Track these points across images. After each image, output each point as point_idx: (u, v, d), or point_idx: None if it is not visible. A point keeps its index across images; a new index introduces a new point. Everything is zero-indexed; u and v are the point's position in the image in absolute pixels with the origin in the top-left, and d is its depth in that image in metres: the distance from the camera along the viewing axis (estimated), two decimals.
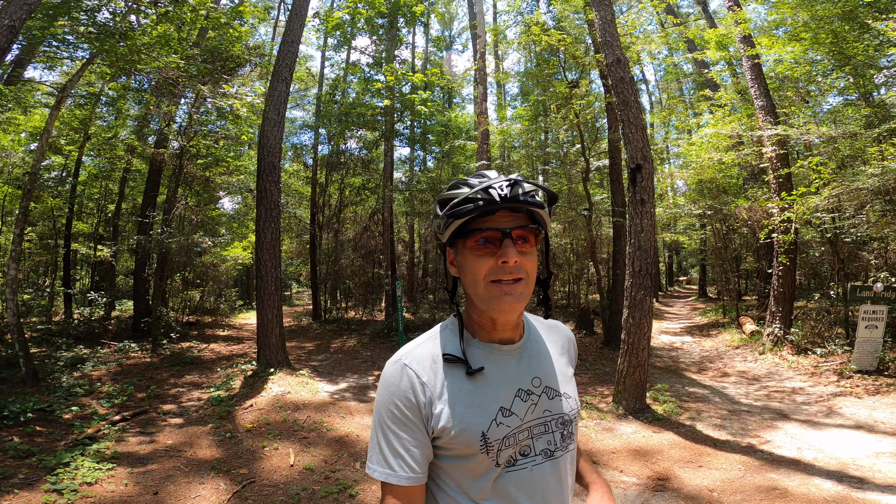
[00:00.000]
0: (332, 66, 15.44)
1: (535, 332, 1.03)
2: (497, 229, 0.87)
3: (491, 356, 0.93)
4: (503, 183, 0.85)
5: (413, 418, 0.88)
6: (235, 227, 15.72)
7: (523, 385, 0.94)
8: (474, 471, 0.90)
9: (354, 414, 5.31)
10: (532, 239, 0.91)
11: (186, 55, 7.45)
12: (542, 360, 0.98)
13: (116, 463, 3.67)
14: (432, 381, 0.90)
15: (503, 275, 0.86)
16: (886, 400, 5.38)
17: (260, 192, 7.71)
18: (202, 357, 8.44)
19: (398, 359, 0.92)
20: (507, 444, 0.89)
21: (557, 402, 0.96)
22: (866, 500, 3.09)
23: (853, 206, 8.11)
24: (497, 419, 0.89)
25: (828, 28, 8.03)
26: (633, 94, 6.01)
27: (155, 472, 3.57)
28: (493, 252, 0.87)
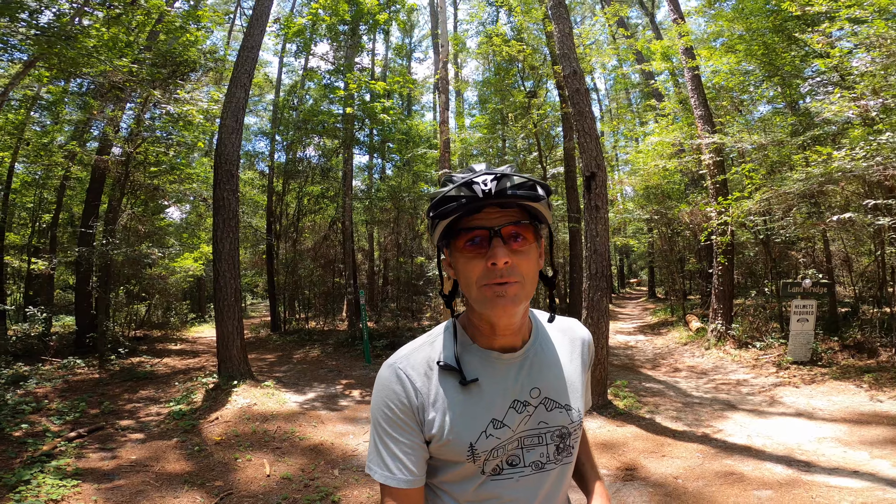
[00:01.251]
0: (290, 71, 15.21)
1: (544, 336, 0.96)
2: (484, 228, 0.81)
3: (488, 364, 0.89)
4: (487, 177, 0.78)
5: (408, 421, 0.86)
6: (186, 238, 15.09)
7: (520, 396, 0.89)
8: (460, 475, 0.89)
9: (326, 423, 5.26)
10: (529, 235, 0.84)
11: (137, 59, 7.16)
12: (547, 368, 0.92)
13: (80, 479, 3.49)
14: (425, 386, 0.87)
15: (493, 278, 0.79)
16: (822, 388, 5.91)
17: (217, 201, 7.51)
18: (156, 372, 8.06)
19: (393, 362, 0.89)
20: (494, 455, 0.87)
21: (557, 413, 0.91)
22: (815, 482, 3.37)
23: (781, 208, 8.87)
24: (487, 431, 0.86)
25: (760, 40, 8.78)
26: (588, 106, 6.36)
27: (124, 488, 3.42)
28: (484, 253, 0.81)
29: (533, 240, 0.84)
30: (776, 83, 9.78)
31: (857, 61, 6.50)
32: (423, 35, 21.00)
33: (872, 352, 6.91)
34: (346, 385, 7.25)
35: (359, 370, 8.34)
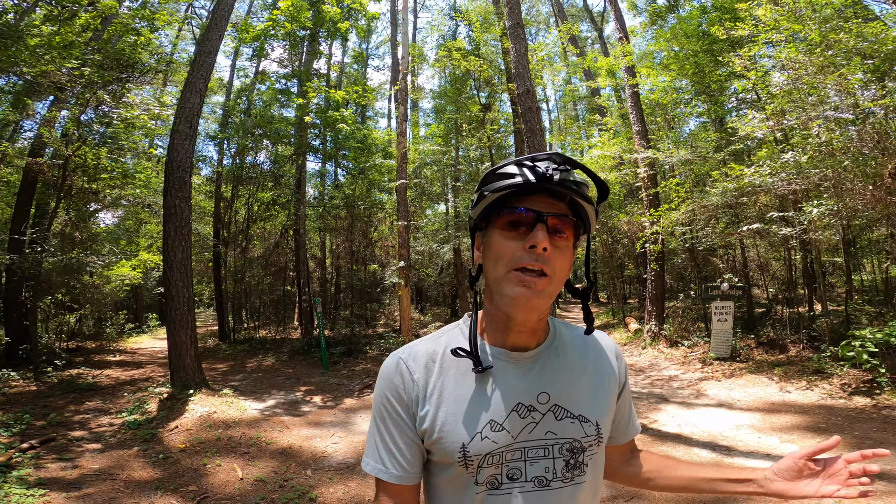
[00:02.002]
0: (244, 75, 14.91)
1: (564, 342, 0.91)
2: (532, 211, 0.78)
3: (495, 362, 0.85)
4: (551, 165, 0.77)
5: (404, 415, 0.84)
6: (123, 244, 14.32)
7: (525, 399, 0.83)
8: (453, 484, 0.84)
9: (291, 428, 5.35)
10: (570, 233, 0.81)
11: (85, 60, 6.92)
12: (561, 374, 0.87)
13: (46, 488, 3.43)
14: (423, 379, 0.84)
15: (528, 262, 0.76)
16: (740, 381, 6.67)
17: (168, 208, 7.36)
18: (99, 383, 7.73)
19: (397, 353, 0.88)
20: (489, 462, 0.81)
21: (567, 424, 0.84)
22: (734, 465, 3.88)
23: (704, 219, 9.88)
24: (483, 432, 0.80)
25: (692, 60, 9.79)
26: (539, 123, 6.88)
27: (95, 496, 3.40)
28: (523, 236, 0.78)
29: (572, 238, 0.82)
30: (703, 101, 10.89)
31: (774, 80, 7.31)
32: (380, 41, 21.18)
33: (783, 348, 7.86)
34: (306, 392, 7.30)
35: (317, 377, 8.39)
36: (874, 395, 5.12)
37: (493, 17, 10.16)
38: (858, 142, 5.86)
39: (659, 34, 10.61)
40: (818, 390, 5.64)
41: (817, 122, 6.28)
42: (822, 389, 5.63)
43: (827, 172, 6.03)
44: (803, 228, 6.95)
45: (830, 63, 5.66)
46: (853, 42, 5.52)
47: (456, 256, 11.41)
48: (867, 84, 5.73)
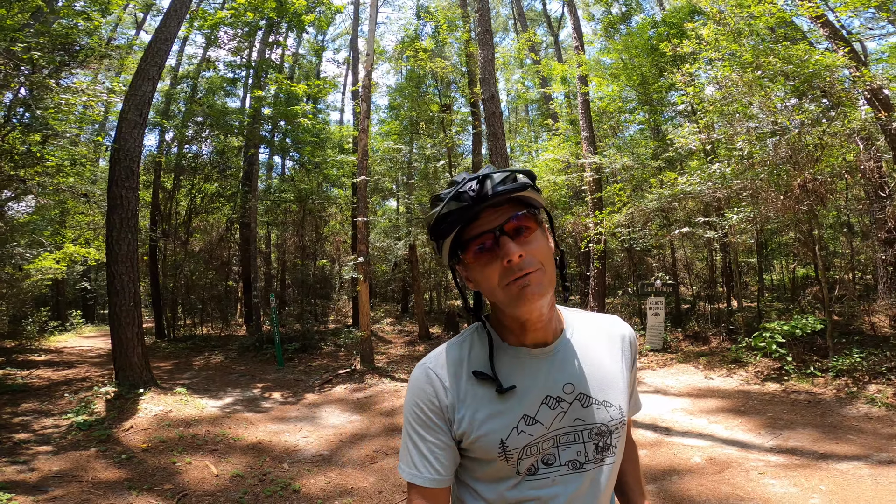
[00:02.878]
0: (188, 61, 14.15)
1: (579, 331, 0.95)
2: (487, 231, 0.81)
3: (520, 362, 0.89)
4: (472, 183, 0.80)
5: (437, 421, 0.87)
6: (47, 236, 13.19)
7: (553, 392, 0.87)
8: (494, 476, 0.88)
9: (256, 424, 5.35)
10: (531, 224, 0.84)
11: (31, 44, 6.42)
12: (581, 363, 0.90)
13: (10, 492, 3.27)
14: (455, 385, 0.87)
15: (514, 274, 0.79)
16: (672, 370, 7.39)
17: (113, 199, 7.00)
18: (31, 384, 7.22)
19: (424, 363, 0.91)
20: (528, 453, 0.86)
21: (593, 410, 0.88)
22: (673, 443, 4.39)
23: (641, 221, 10.73)
24: (518, 427, 0.85)
25: (638, 71, 10.56)
26: (501, 128, 7.24)
27: (65, 498, 3.29)
28: (496, 255, 0.81)
29: (536, 226, 0.84)
30: (645, 111, 11.78)
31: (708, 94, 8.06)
32: (337, 33, 20.75)
33: (706, 340, 8.76)
34: (264, 388, 7.23)
35: (272, 374, 8.29)
36: (783, 380, 5.94)
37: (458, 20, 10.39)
38: (774, 156, 6.70)
39: (612, 45, 11.32)
40: (737, 377, 6.42)
41: (742, 137, 7.11)
42: (739, 377, 6.42)
43: (746, 183, 6.84)
44: (724, 232, 7.80)
45: (758, 83, 6.40)
46: (779, 65, 6.28)
47: (411, 252, 11.58)
48: (786, 103, 6.56)
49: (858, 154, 6.07)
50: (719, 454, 3.99)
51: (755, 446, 4.10)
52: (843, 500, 3.01)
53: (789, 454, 3.86)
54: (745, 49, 6.32)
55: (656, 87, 10.17)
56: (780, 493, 3.18)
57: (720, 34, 6.70)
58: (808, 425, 4.47)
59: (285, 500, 3.47)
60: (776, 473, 3.49)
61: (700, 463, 3.84)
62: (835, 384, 5.46)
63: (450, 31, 10.25)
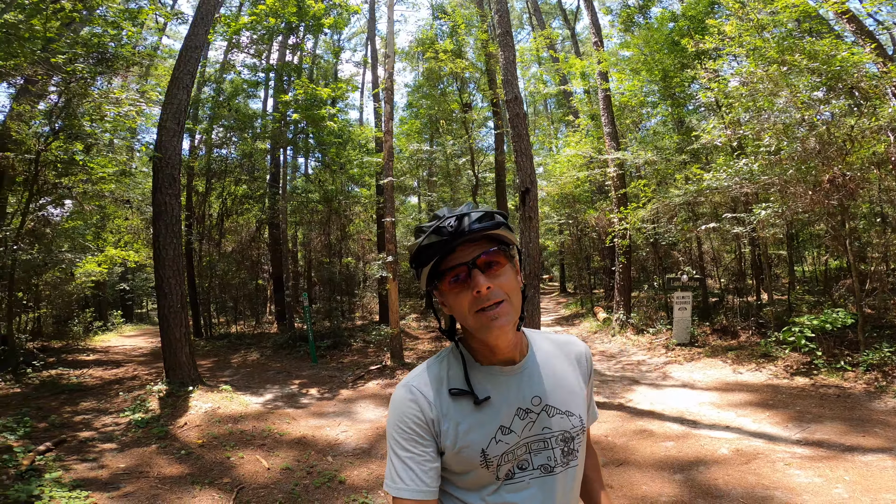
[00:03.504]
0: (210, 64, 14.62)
1: (542, 350, 1.05)
2: (461, 264, 0.91)
3: (493, 378, 0.98)
4: (451, 220, 0.90)
5: (423, 434, 0.94)
6: (90, 240, 13.88)
7: (523, 404, 0.98)
8: (476, 483, 0.96)
9: (298, 419, 5.66)
10: (501, 259, 0.94)
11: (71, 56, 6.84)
12: (545, 378, 1.01)
13: (86, 489, 3.61)
14: (438, 400, 0.95)
15: (482, 304, 0.90)
16: (699, 364, 7.45)
17: (158, 206, 7.39)
18: (86, 383, 7.70)
19: (407, 382, 0.98)
20: (506, 460, 0.95)
21: (558, 419, 0.99)
22: (701, 435, 4.52)
23: (666, 217, 10.70)
24: (496, 437, 0.94)
25: (660, 66, 10.50)
26: (525, 129, 7.32)
27: (136, 494, 3.62)
28: (468, 286, 0.91)
29: (506, 261, 0.94)
30: (669, 105, 11.68)
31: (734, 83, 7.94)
32: (353, 32, 21.02)
33: (734, 334, 8.74)
34: (301, 385, 7.58)
35: (307, 370, 8.65)
36: (812, 375, 5.95)
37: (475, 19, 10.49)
38: (802, 150, 6.64)
39: (631, 39, 11.25)
40: (765, 371, 6.45)
41: (769, 133, 7.06)
42: (768, 371, 6.45)
43: (773, 178, 6.80)
44: (752, 227, 7.76)
45: (783, 80, 6.36)
46: (805, 61, 6.24)
47: None
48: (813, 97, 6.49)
49: (889, 146, 5.99)
50: (746, 446, 4.10)
51: (782, 439, 4.19)
52: (866, 490, 3.11)
53: (815, 446, 3.94)
54: (769, 45, 6.27)
55: (678, 81, 10.07)
56: (805, 483, 3.29)
57: (743, 29, 6.65)
58: (836, 419, 4.53)
59: (333, 491, 3.74)
60: (802, 465, 3.60)
61: (727, 454, 3.96)
62: (864, 378, 5.46)
63: (467, 30, 10.35)
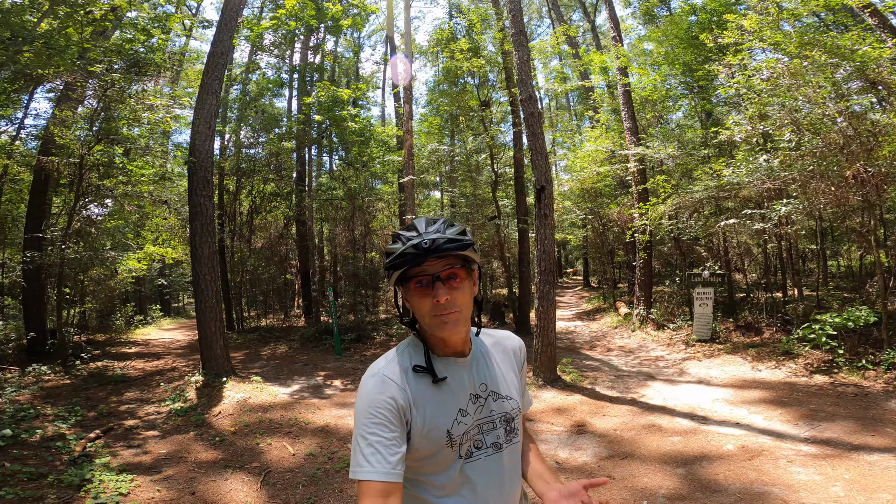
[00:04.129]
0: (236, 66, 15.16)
1: (484, 345, 1.21)
2: (428, 274, 1.04)
3: (449, 367, 1.11)
4: (427, 238, 1.02)
5: (393, 420, 1.00)
6: (131, 238, 14.69)
7: (473, 390, 1.12)
8: (443, 464, 1.07)
9: (322, 409, 5.99)
10: (462, 274, 1.07)
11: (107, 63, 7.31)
12: (489, 368, 1.17)
13: (131, 473, 3.98)
14: (408, 388, 1.05)
15: (439, 310, 1.03)
16: (718, 361, 7.43)
17: (193, 207, 7.81)
18: (129, 375, 8.25)
19: (376, 372, 1.07)
20: (465, 439, 1.08)
21: (500, 403, 1.15)
22: (709, 431, 4.59)
23: (688, 212, 10.55)
24: (457, 418, 1.07)
25: (681, 59, 10.38)
26: (540, 128, 7.42)
27: (176, 477, 3.98)
28: (430, 292, 1.04)
29: (465, 277, 1.08)
30: (690, 99, 11.51)
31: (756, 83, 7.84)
32: (373, 29, 21.30)
33: (758, 331, 8.63)
34: (326, 376, 7.94)
35: (332, 363, 9.02)
36: (832, 373, 5.90)
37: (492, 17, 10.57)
38: (824, 147, 6.53)
39: (651, 32, 11.12)
40: (784, 369, 6.42)
41: (789, 129, 6.95)
42: (788, 368, 6.42)
43: (794, 174, 6.71)
44: (774, 224, 7.66)
45: (802, 77, 6.27)
46: (825, 57, 6.13)
47: None
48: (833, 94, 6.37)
49: None
50: (752, 443, 4.17)
51: (790, 436, 4.24)
52: (863, 489, 3.17)
53: (822, 445, 3.99)
54: (789, 40, 6.17)
55: (702, 74, 9.91)
56: (804, 481, 3.37)
57: (763, 23, 6.56)
58: (849, 418, 4.53)
59: None
60: (804, 462, 3.66)
61: (732, 450, 4.05)
62: (885, 378, 5.40)
63: (483, 29, 10.45)
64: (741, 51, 7.95)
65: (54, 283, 9.59)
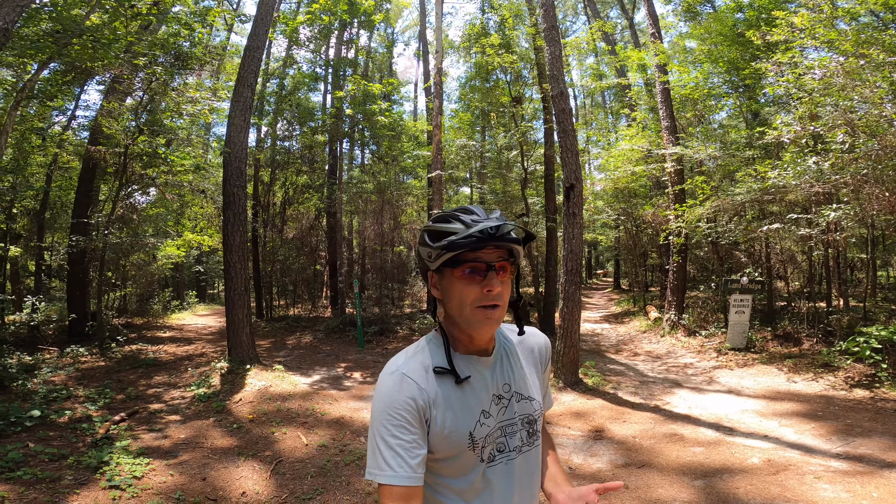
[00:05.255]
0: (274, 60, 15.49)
1: (508, 343, 1.15)
2: (484, 262, 0.99)
3: (472, 366, 1.05)
4: (493, 224, 0.96)
5: (413, 421, 0.96)
6: (171, 225, 15.30)
7: (496, 391, 1.07)
8: (463, 468, 1.02)
9: (339, 400, 6.05)
10: (509, 269, 1.03)
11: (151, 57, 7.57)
12: (512, 368, 1.11)
13: (148, 457, 4.11)
14: (428, 388, 1.00)
15: (487, 301, 0.98)
16: (751, 371, 7.08)
17: (227, 196, 8.02)
18: (160, 359, 8.53)
19: (395, 370, 1.01)
20: (487, 442, 1.03)
21: (524, 404, 1.10)
22: (734, 443, 4.37)
23: (728, 215, 10.07)
24: (480, 420, 1.02)
25: (725, 57, 9.91)
26: (571, 125, 7.22)
27: (190, 462, 4.09)
28: (479, 281, 0.98)
29: (511, 274, 1.05)
30: (735, 99, 10.97)
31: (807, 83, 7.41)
32: (406, 25, 21.36)
33: (797, 341, 8.18)
34: (346, 368, 8.02)
35: (353, 354, 9.11)
36: (874, 388, 5.51)
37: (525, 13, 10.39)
38: (880, 149, 6.07)
39: (693, 30, 10.64)
40: (822, 382, 6.04)
41: (843, 130, 6.49)
42: (826, 381, 6.03)
43: (846, 178, 6.27)
44: (822, 230, 7.20)
45: (857, 76, 5.85)
46: (883, 56, 5.70)
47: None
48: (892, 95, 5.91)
49: None
50: (779, 457, 3.94)
51: (821, 451, 3.99)
52: None
53: (854, 461, 3.72)
54: (844, 38, 5.76)
55: (748, 72, 9.41)
56: (830, 498, 3.15)
57: (816, 21, 6.15)
58: (887, 434, 4.22)
59: (361, 469, 4.03)
60: (832, 479, 3.42)
61: (756, 464, 3.83)
62: None
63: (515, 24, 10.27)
64: (791, 48, 7.50)
65: (97, 267, 10.04)
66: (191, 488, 3.67)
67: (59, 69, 8.75)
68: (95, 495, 3.45)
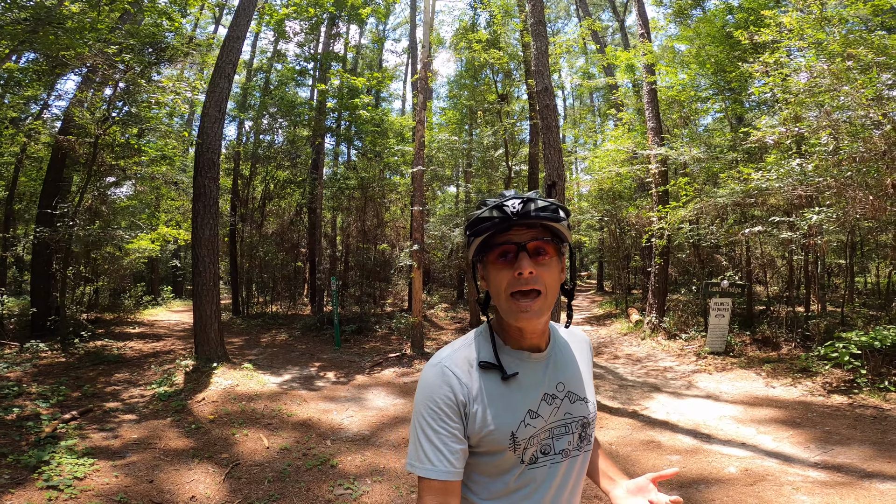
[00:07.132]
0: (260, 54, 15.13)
1: (561, 339, 1.09)
2: (512, 243, 0.92)
3: (521, 363, 0.99)
4: (516, 201, 0.91)
5: (452, 416, 0.93)
6: (144, 218, 14.80)
7: (549, 390, 1.00)
8: (500, 467, 0.97)
9: (309, 401, 5.80)
10: (551, 250, 0.95)
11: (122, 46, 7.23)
12: (567, 366, 1.05)
13: (94, 457, 3.84)
14: (469, 383, 0.95)
15: (520, 286, 0.91)
16: (730, 375, 7.00)
17: (198, 188, 7.72)
18: (125, 355, 8.19)
19: (438, 362, 0.98)
20: (531, 443, 0.96)
21: (578, 405, 1.02)
22: (711, 451, 4.25)
23: (710, 217, 10.06)
24: (525, 420, 0.96)
25: (713, 59, 9.88)
26: (555, 121, 7.06)
27: (138, 464, 3.83)
28: (511, 265, 0.92)
29: (555, 254, 0.97)
30: (721, 100, 10.97)
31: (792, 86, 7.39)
32: (398, 22, 21.11)
33: (776, 345, 8.15)
34: (320, 367, 7.76)
35: (329, 353, 8.85)
36: (852, 394, 5.45)
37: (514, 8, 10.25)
38: (865, 152, 6.03)
39: (683, 31, 10.60)
40: (801, 387, 5.97)
41: (828, 131, 6.45)
42: (804, 387, 5.97)
43: (829, 181, 6.23)
44: (803, 233, 7.17)
45: (845, 75, 5.79)
46: (871, 56, 5.65)
47: None
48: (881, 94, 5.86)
49: None
50: (757, 466, 3.82)
51: (799, 460, 3.88)
52: None
53: (833, 471, 3.61)
54: (832, 38, 5.70)
55: (735, 75, 9.39)
56: None
57: (804, 22, 6.09)
58: (865, 442, 4.13)
59: (322, 475, 3.80)
60: (810, 490, 3.30)
61: (734, 474, 3.70)
62: None
63: (504, 20, 10.12)
64: (779, 49, 7.46)
65: (62, 260, 9.62)
66: (135, 490, 3.42)
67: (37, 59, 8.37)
68: (30, 495, 3.21)
